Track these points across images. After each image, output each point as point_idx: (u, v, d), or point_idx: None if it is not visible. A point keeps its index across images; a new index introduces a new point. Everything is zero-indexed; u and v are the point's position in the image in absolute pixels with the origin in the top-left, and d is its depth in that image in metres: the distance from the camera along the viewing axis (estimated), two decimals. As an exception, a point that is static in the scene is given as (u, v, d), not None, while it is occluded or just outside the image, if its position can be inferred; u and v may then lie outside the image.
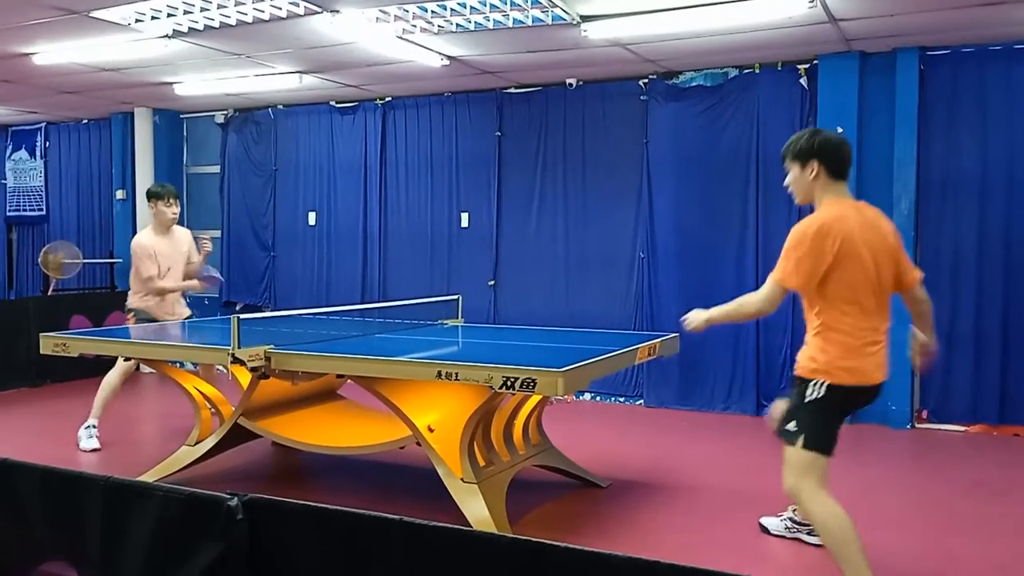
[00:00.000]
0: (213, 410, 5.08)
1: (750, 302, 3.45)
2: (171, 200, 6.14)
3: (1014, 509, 4.67)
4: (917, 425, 6.53)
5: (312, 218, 8.94)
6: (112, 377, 6.05)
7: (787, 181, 3.59)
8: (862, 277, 3.31)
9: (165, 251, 6.08)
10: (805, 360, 3.39)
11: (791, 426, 3.34)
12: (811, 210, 3.57)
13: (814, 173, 3.43)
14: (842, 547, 3.25)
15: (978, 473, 5.37)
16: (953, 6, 5.40)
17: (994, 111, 6.26)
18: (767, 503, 4.70)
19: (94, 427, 5.97)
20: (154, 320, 6.07)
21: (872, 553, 4.01)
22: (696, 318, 3.59)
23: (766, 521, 4.24)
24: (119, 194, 9.70)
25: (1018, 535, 4.30)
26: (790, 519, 4.15)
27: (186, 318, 6.28)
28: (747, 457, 5.80)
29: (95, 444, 5.90)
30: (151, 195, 6.22)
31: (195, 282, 6.27)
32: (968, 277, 6.36)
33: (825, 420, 3.34)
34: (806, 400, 3.31)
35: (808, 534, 4.05)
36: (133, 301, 6.16)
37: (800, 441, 3.30)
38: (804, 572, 3.88)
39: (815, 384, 3.30)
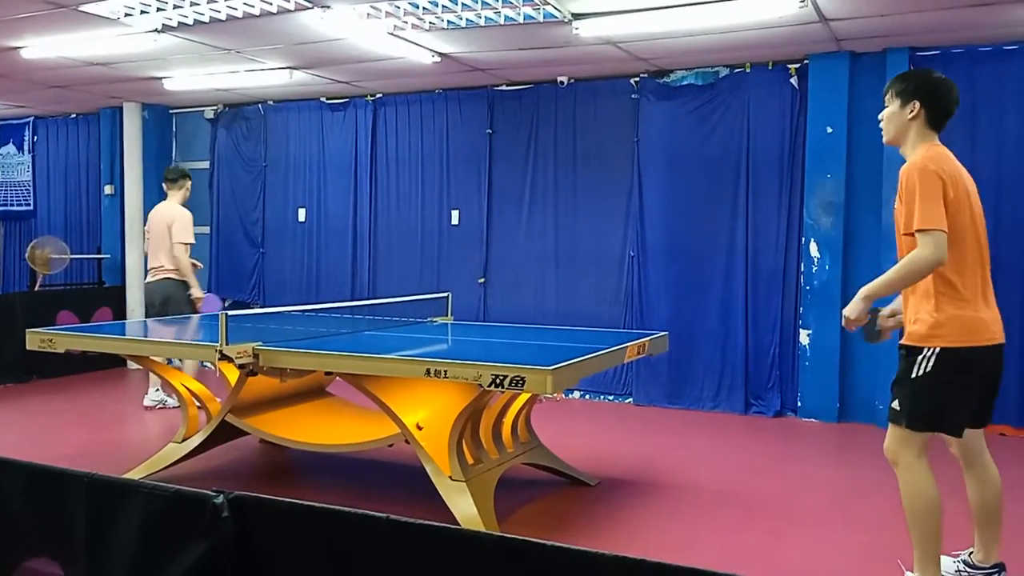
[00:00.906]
0: (200, 406, 5.06)
1: (919, 258, 3.05)
2: (188, 183, 7.07)
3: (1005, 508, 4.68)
4: (904, 424, 6.54)
5: (302, 214, 8.91)
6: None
7: (881, 115, 3.43)
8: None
9: None
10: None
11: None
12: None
13: (913, 113, 3.27)
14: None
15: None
16: (943, 7, 5.42)
17: (983, 112, 6.28)
18: (754, 501, 4.72)
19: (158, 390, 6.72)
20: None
21: (867, 553, 4.03)
22: (854, 307, 3.31)
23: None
24: (107, 189, 9.64)
25: (1005, 535, 4.32)
26: (963, 561, 3.63)
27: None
28: (736, 456, 5.81)
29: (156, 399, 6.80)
30: (186, 175, 7.09)
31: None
32: (956, 277, 6.37)
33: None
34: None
35: None
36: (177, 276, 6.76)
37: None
38: (791, 571, 3.89)
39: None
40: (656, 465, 5.48)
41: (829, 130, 6.64)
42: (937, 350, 3.12)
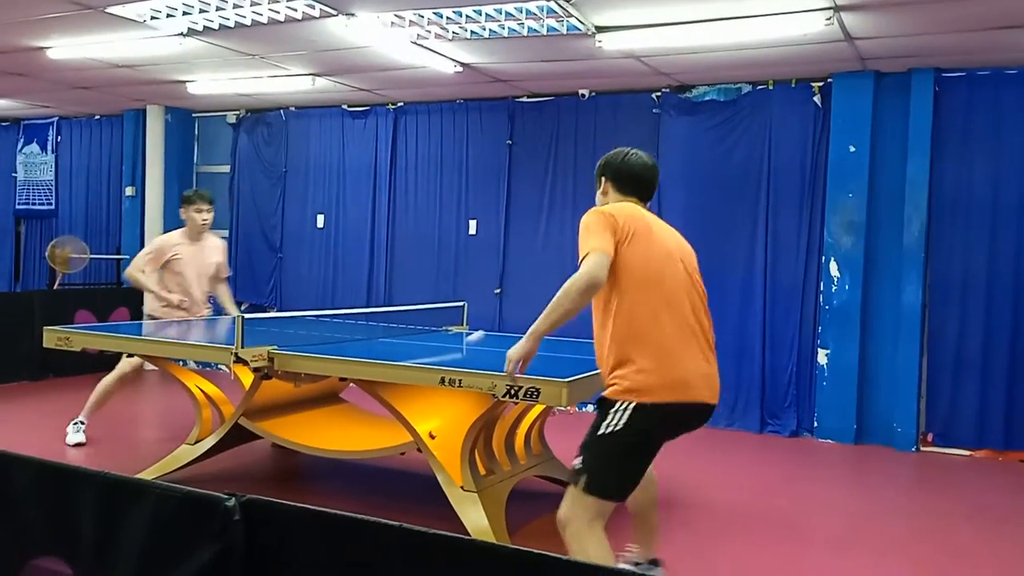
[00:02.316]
0: (215, 409, 5.06)
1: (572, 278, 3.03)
2: (203, 206, 5.97)
3: (1018, 535, 4.62)
4: (922, 448, 6.47)
5: (320, 221, 8.93)
6: (108, 380, 5.86)
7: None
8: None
9: (187, 253, 5.93)
10: None
11: None
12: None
13: (602, 188, 3.36)
14: None
15: (982, 498, 5.32)
16: (970, 28, 5.38)
17: (1008, 135, 6.23)
18: (767, 523, 4.66)
19: (82, 423, 5.88)
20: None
21: (875, 576, 3.98)
22: (521, 347, 3.19)
23: None
24: (128, 191, 9.71)
25: (1021, 562, 4.25)
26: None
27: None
28: (750, 475, 5.75)
29: (81, 439, 5.81)
30: (182, 199, 6.10)
31: (176, 297, 5.89)
32: (977, 300, 6.32)
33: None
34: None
35: None
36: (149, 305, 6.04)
37: None
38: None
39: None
40: (668, 483, 5.43)
41: (852, 149, 6.59)
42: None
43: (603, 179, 3.36)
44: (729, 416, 7.04)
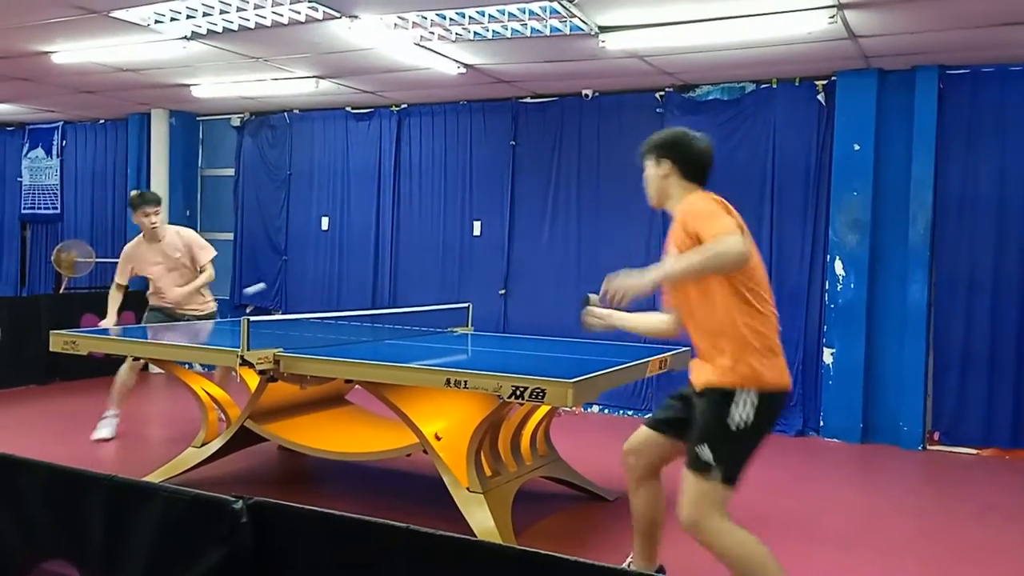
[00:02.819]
0: (221, 413, 5.07)
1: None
2: (148, 209, 6.17)
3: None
4: (929, 447, 6.46)
5: (325, 223, 8.94)
6: (122, 371, 6.19)
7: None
8: None
9: (145, 256, 6.21)
10: None
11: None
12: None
13: (666, 172, 3.19)
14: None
15: (990, 497, 5.30)
16: (974, 25, 5.37)
17: (1013, 132, 6.21)
18: (773, 522, 4.66)
19: (112, 416, 6.18)
20: (164, 313, 6.28)
21: None
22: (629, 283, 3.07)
23: None
24: (133, 195, 9.71)
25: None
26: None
27: (208, 314, 6.39)
28: (756, 475, 5.71)
29: (106, 434, 6.09)
30: (129, 204, 6.42)
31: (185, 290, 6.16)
32: (983, 298, 6.30)
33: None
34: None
35: None
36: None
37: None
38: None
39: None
40: (674, 483, 5.42)
41: (856, 147, 6.58)
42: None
43: (665, 160, 3.19)
44: (735, 416, 7.02)
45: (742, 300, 2.96)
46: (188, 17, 5.69)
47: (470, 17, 5.50)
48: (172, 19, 5.74)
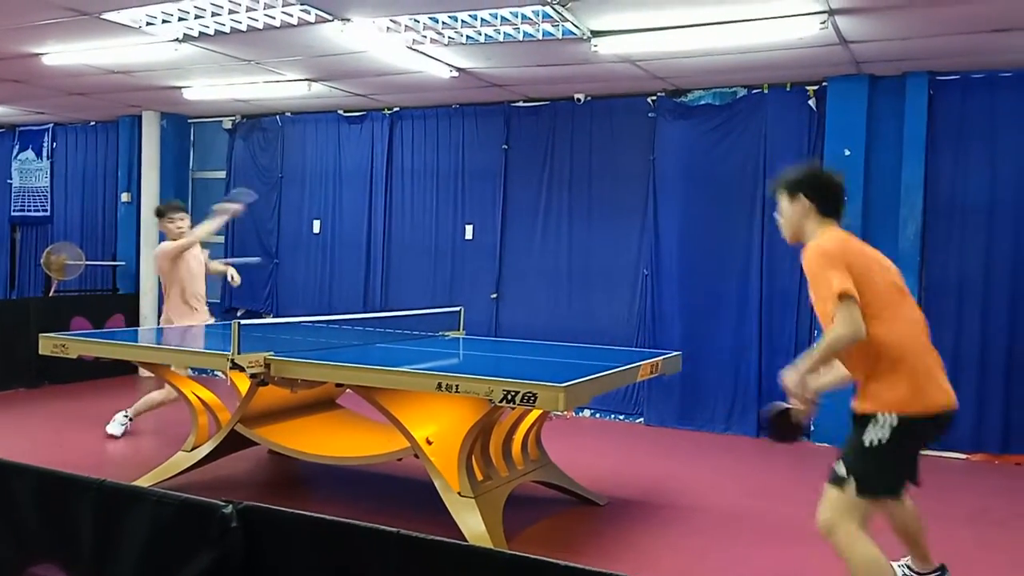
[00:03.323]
0: (211, 416, 5.05)
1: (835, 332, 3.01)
2: (176, 215, 6.28)
3: (1015, 538, 4.62)
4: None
5: (316, 226, 8.93)
6: (157, 394, 6.30)
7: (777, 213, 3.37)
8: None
9: (188, 255, 6.24)
10: None
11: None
12: None
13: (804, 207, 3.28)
14: None
15: (980, 501, 5.32)
16: (964, 31, 5.40)
17: (1003, 137, 6.25)
18: (765, 526, 4.66)
19: (126, 419, 6.34)
20: None
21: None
22: (790, 379, 3.21)
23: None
24: (124, 197, 9.69)
25: (1018, 565, 4.26)
26: (907, 566, 3.79)
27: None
28: (747, 479, 5.75)
29: (115, 431, 6.26)
30: (156, 213, 6.52)
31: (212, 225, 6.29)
32: (973, 303, 6.33)
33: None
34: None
35: None
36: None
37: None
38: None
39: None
40: (666, 487, 5.44)
41: (847, 152, 6.60)
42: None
43: (799, 196, 3.32)
44: (727, 420, 7.05)
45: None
46: (180, 19, 5.68)
47: (462, 21, 5.50)
48: (164, 21, 5.73)
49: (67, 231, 10.30)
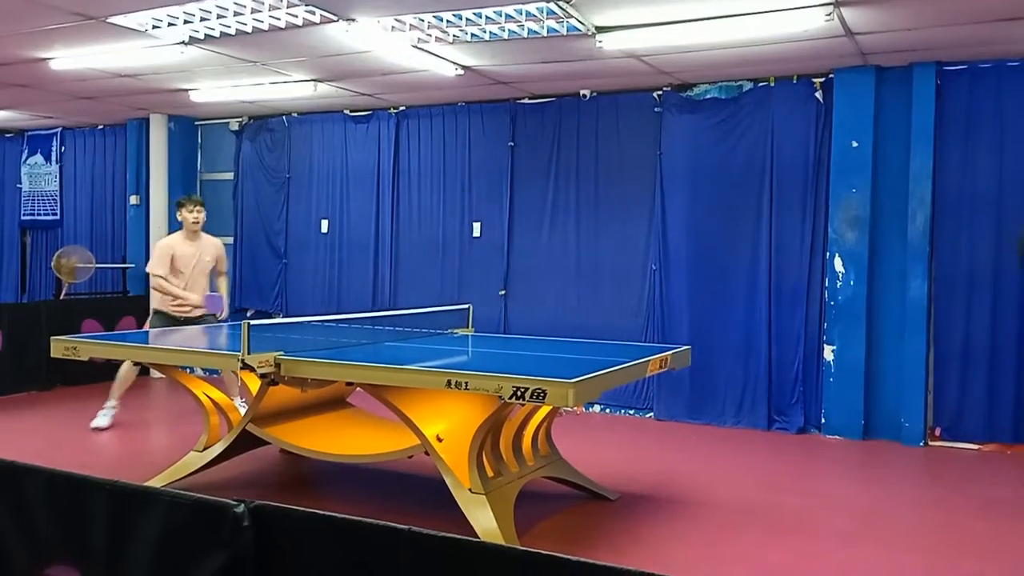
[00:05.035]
0: (222, 416, 5.07)
1: None
2: (192, 207, 6.65)
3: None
4: (930, 443, 6.46)
5: (324, 226, 8.95)
6: (123, 368, 6.59)
7: None
8: None
9: (186, 253, 6.56)
10: None
11: None
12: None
13: None
14: None
15: (992, 492, 5.30)
16: (971, 21, 5.37)
17: (1011, 127, 6.22)
18: (777, 519, 4.66)
19: (111, 408, 6.56)
20: (171, 318, 6.48)
21: (893, 573, 3.97)
22: None
23: None
24: (133, 199, 9.73)
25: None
26: None
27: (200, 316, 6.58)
28: (758, 472, 5.75)
29: (103, 423, 6.47)
30: (176, 204, 6.85)
31: (195, 297, 6.57)
32: (983, 293, 6.30)
33: None
34: None
35: None
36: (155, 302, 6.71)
37: None
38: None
39: None
40: (677, 481, 5.43)
41: (855, 144, 6.58)
42: None
43: None
44: (736, 414, 7.04)
45: None
46: (185, 22, 5.70)
47: (467, 19, 5.50)
48: (170, 24, 5.74)
49: (77, 234, 10.35)
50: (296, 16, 5.47)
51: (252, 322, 4.26)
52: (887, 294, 6.61)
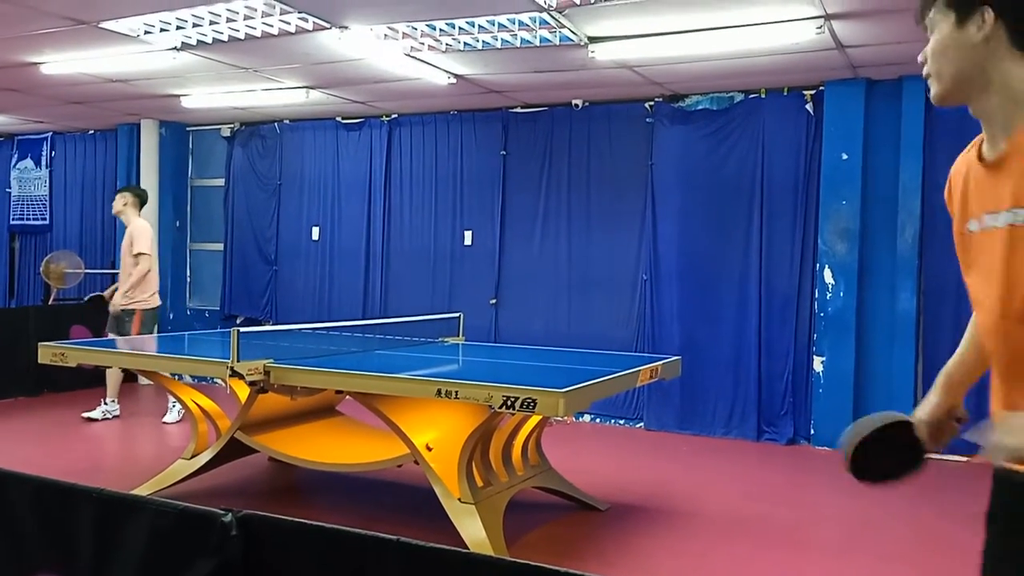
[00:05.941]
0: (211, 423, 5.04)
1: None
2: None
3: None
4: (919, 454, 6.46)
5: (315, 233, 8.93)
6: (109, 373, 6.89)
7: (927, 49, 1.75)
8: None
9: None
10: None
11: None
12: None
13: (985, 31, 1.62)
14: None
15: (980, 504, 5.29)
16: (960, 35, 5.40)
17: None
18: (766, 530, 4.66)
19: (112, 405, 6.90)
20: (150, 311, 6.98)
21: (873, 583, 3.97)
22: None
23: None
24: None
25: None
26: None
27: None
28: (748, 483, 5.75)
29: (96, 416, 6.80)
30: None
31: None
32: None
33: None
34: None
35: None
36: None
37: None
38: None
39: None
40: (667, 491, 5.43)
41: (844, 156, 6.62)
42: None
43: (986, 12, 1.60)
44: (726, 425, 7.04)
45: None
46: (178, 28, 5.69)
47: (460, 28, 5.51)
48: (162, 30, 5.74)
49: (66, 240, 10.30)
50: (289, 23, 5.47)
51: (241, 329, 4.25)
52: (876, 306, 6.64)
